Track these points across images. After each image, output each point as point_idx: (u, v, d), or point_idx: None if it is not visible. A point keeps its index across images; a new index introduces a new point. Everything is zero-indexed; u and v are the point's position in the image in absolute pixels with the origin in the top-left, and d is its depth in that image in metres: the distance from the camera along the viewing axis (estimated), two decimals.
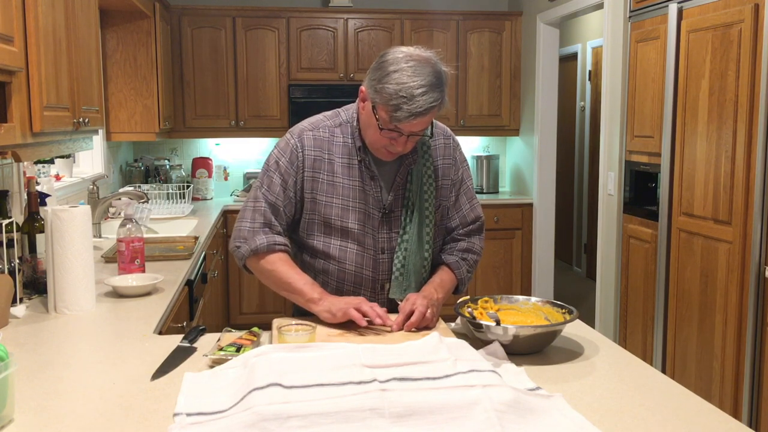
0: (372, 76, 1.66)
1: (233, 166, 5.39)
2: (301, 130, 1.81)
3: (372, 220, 1.79)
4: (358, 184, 1.77)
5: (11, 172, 2.65)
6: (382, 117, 1.64)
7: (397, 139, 1.66)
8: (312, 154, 1.78)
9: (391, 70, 1.60)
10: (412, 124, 1.62)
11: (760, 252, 2.62)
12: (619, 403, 1.30)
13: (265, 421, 1.09)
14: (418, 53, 1.64)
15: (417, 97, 1.58)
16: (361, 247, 1.79)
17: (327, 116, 1.84)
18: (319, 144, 1.78)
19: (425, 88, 1.58)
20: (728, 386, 2.80)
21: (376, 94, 1.63)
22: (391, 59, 1.63)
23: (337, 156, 1.78)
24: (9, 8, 1.72)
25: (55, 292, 1.91)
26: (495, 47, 5.27)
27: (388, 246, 1.81)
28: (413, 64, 1.60)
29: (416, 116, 1.60)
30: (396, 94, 1.58)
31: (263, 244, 1.76)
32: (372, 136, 1.71)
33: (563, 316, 1.63)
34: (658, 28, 3.22)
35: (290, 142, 1.80)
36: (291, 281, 1.75)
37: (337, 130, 1.80)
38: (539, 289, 5.13)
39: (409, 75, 1.58)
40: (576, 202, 6.71)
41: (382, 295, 1.84)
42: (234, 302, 4.85)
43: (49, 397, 1.34)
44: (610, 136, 3.83)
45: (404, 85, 1.58)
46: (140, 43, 4.06)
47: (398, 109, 1.59)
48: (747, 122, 2.66)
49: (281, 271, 1.76)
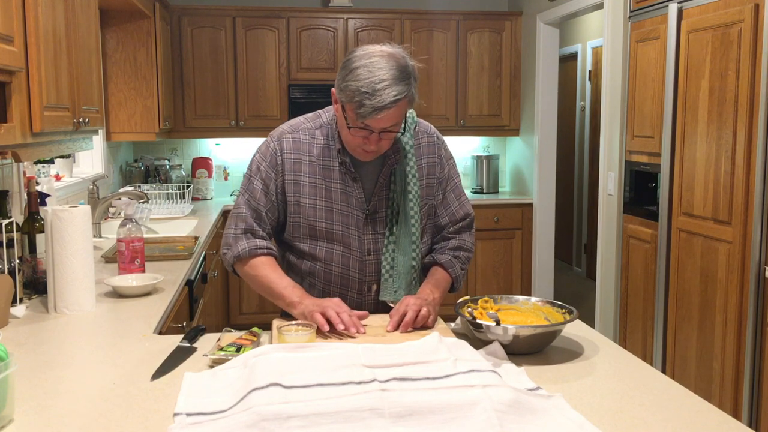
0: (338, 76, 1.65)
1: (233, 166, 5.39)
2: (281, 134, 1.81)
3: (356, 221, 1.78)
4: (339, 186, 1.77)
5: (11, 172, 2.65)
6: (349, 115, 1.63)
7: (368, 137, 1.65)
8: (291, 157, 1.78)
9: (353, 67, 1.60)
10: (377, 119, 1.59)
11: (760, 252, 2.62)
12: (619, 403, 1.30)
13: (265, 421, 1.09)
14: (382, 49, 1.63)
15: (379, 92, 1.56)
16: (347, 249, 1.79)
17: (308, 118, 1.83)
18: (298, 147, 1.78)
19: (387, 81, 1.57)
20: (728, 386, 2.80)
21: (341, 93, 1.63)
22: (355, 57, 1.63)
23: (318, 158, 1.78)
24: (9, 8, 1.72)
25: (55, 292, 1.91)
26: (495, 47, 5.27)
27: (374, 247, 1.81)
28: (376, 60, 1.59)
29: (380, 110, 1.57)
30: (358, 90, 1.57)
31: (245, 249, 1.78)
32: (346, 136, 1.70)
33: (563, 316, 1.63)
34: (658, 28, 3.22)
35: (270, 145, 1.80)
36: (272, 285, 1.76)
37: (318, 132, 1.79)
38: (539, 289, 5.13)
39: (371, 70, 1.58)
40: (576, 202, 6.71)
41: (369, 297, 1.84)
42: (234, 302, 4.85)
43: (49, 397, 1.34)
44: (610, 136, 3.83)
45: (365, 81, 1.57)
46: (140, 43, 4.06)
47: (362, 105, 1.58)
48: (747, 122, 2.66)
49: (263, 275, 1.77)
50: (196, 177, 5.13)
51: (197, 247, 2.98)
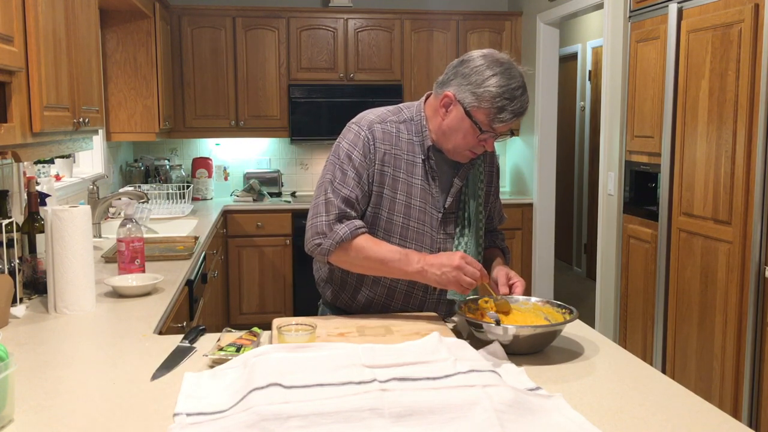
0: (464, 82, 1.67)
1: (233, 166, 5.39)
2: (370, 122, 1.78)
3: (431, 219, 1.80)
4: (419, 182, 1.78)
5: (11, 172, 2.65)
6: (481, 119, 1.67)
7: (487, 140, 1.71)
8: (383, 148, 1.77)
9: (489, 74, 1.64)
10: (509, 123, 1.67)
11: (760, 252, 2.62)
12: (619, 403, 1.30)
13: (265, 421, 1.09)
14: (501, 56, 1.69)
15: (518, 98, 1.65)
16: (419, 246, 1.79)
17: (390, 111, 1.83)
18: (388, 138, 1.78)
19: (522, 88, 1.66)
20: (728, 386, 2.80)
21: (474, 98, 1.65)
22: (484, 64, 1.66)
23: (403, 152, 1.78)
24: (9, 8, 1.72)
25: (55, 292, 1.91)
26: (495, 47, 5.22)
27: (443, 246, 1.82)
28: (506, 67, 1.66)
29: (518, 116, 1.67)
30: (500, 96, 1.63)
31: (346, 232, 1.72)
32: (460, 140, 1.72)
33: (563, 316, 1.63)
34: (658, 28, 3.22)
35: (361, 134, 1.77)
36: (384, 257, 1.71)
37: (402, 126, 1.80)
38: (539, 289, 5.13)
39: (507, 78, 1.64)
40: (576, 202, 6.71)
41: (434, 295, 1.84)
42: (234, 302, 4.85)
43: (49, 397, 1.34)
44: (610, 136, 3.83)
45: (507, 87, 1.63)
46: (140, 43, 4.06)
47: (502, 110, 1.64)
48: (747, 122, 2.66)
49: (371, 251, 1.72)
50: (196, 177, 5.13)
51: (197, 247, 2.98)
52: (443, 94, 1.71)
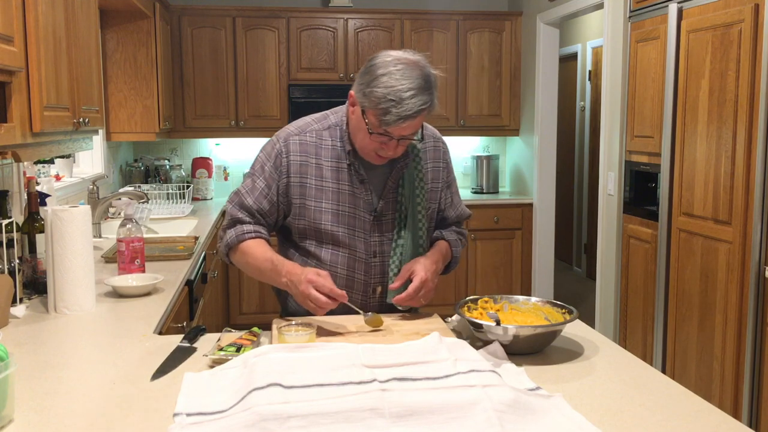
0: (360, 81, 1.65)
1: (233, 166, 5.39)
2: (288, 135, 1.80)
3: (363, 224, 1.79)
4: (347, 188, 1.77)
5: (11, 172, 2.65)
6: (371, 121, 1.63)
7: (387, 143, 1.66)
8: (297, 160, 1.77)
9: (379, 74, 1.60)
10: (401, 127, 1.61)
11: (760, 252, 2.62)
12: (619, 403, 1.30)
13: (265, 421, 1.09)
14: (407, 57, 1.64)
15: (406, 101, 1.57)
16: (353, 251, 1.79)
17: (315, 119, 1.83)
18: (304, 149, 1.78)
19: (414, 91, 1.58)
20: (728, 386, 2.80)
21: (364, 98, 1.63)
22: (379, 63, 1.63)
23: (326, 160, 1.77)
24: (9, 8, 1.72)
25: (55, 292, 1.91)
26: (495, 47, 5.27)
27: (380, 250, 1.81)
28: (402, 68, 1.60)
29: (405, 119, 1.59)
30: (384, 97, 1.58)
31: (232, 236, 1.79)
32: (362, 140, 1.70)
33: (563, 316, 1.63)
34: (658, 28, 3.22)
35: (276, 147, 1.79)
36: (259, 267, 1.76)
37: (326, 134, 1.79)
38: (539, 289, 5.13)
39: (398, 78, 1.58)
40: (576, 202, 6.71)
41: (374, 298, 1.84)
42: (234, 302, 4.85)
43: (49, 397, 1.34)
44: (610, 136, 3.83)
45: (392, 89, 1.58)
46: (140, 43, 4.06)
47: (387, 113, 1.59)
48: (747, 122, 2.66)
49: (251, 257, 1.77)
50: (196, 177, 5.13)
51: (197, 247, 2.98)
52: (349, 93, 1.71)
